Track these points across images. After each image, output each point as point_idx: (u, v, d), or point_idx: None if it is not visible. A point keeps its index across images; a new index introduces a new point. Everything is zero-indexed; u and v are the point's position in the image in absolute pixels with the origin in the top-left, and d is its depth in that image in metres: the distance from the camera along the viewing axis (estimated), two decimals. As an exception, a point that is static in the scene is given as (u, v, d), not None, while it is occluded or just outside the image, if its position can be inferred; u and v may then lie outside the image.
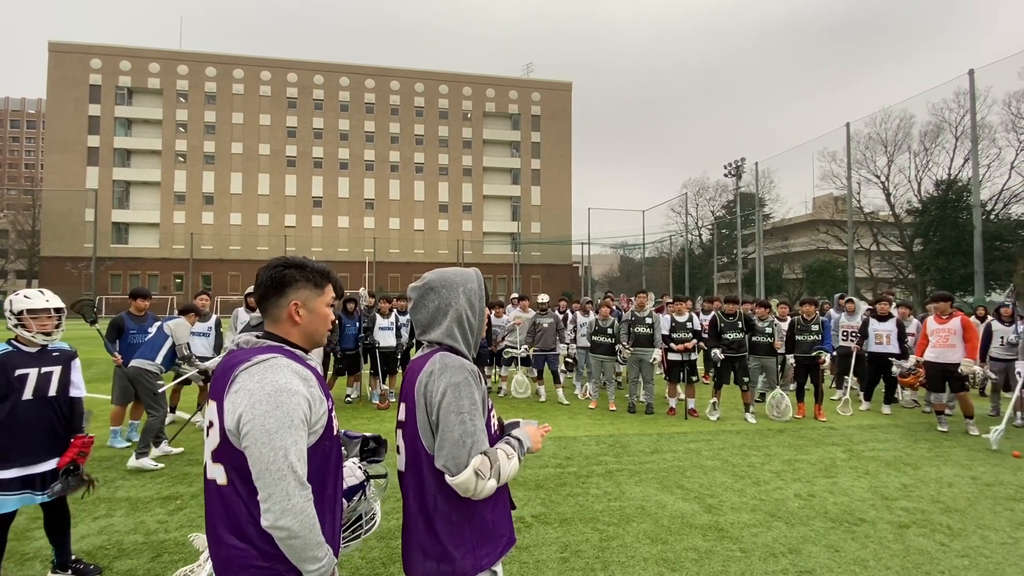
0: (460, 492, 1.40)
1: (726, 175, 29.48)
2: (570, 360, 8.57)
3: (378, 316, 7.89)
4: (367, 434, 1.72)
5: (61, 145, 44.45)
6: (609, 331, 7.72)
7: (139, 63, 46.40)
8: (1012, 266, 22.62)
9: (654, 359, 7.36)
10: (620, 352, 7.61)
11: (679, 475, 4.77)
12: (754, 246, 25.30)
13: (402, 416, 1.52)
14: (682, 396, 7.53)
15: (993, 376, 7.20)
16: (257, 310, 6.12)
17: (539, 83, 53.75)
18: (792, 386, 7.66)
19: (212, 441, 1.35)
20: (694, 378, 7.52)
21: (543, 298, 8.67)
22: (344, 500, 1.56)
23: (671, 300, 8.30)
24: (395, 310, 8.09)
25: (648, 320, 7.47)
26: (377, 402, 7.79)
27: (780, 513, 3.91)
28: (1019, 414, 6.87)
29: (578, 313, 9.00)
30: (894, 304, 7.77)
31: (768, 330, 7.23)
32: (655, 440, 6.02)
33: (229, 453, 1.30)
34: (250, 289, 4.18)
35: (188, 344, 5.53)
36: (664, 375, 8.10)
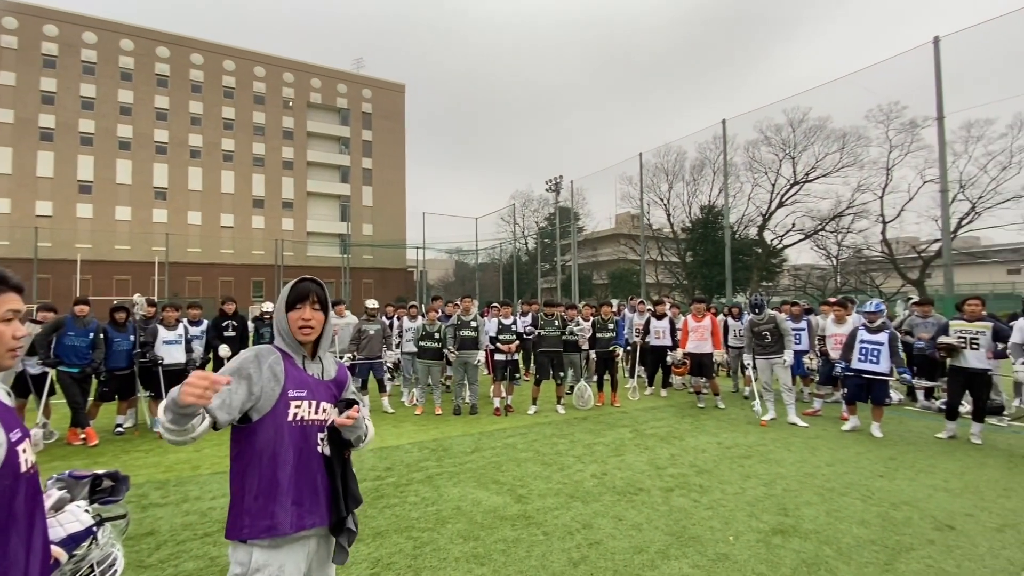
0: None
1: (547, 190, 32.40)
2: (390, 365, 8.43)
3: (160, 328, 6.64)
4: (100, 471, 1.42)
5: None
6: (436, 336, 7.79)
7: None
8: (749, 275, 29.37)
9: (479, 361, 7.67)
10: (447, 356, 7.74)
11: (495, 470, 5.01)
12: (570, 255, 28.20)
13: None
14: (504, 394, 7.97)
15: (728, 359, 9.29)
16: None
17: (370, 80, 51.74)
18: (594, 377, 8.71)
19: None
20: (516, 375, 8.05)
21: (371, 303, 8.34)
22: (63, 550, 1.29)
23: (497, 305, 8.76)
24: (184, 320, 6.92)
25: (473, 324, 7.75)
26: (159, 430, 6.54)
27: (578, 493, 4.37)
28: (747, 388, 8.91)
29: (404, 319, 8.88)
30: (668, 305, 9.41)
31: (576, 329, 8.15)
32: (476, 439, 6.24)
33: None
34: None
35: None
36: (491, 375, 8.50)
